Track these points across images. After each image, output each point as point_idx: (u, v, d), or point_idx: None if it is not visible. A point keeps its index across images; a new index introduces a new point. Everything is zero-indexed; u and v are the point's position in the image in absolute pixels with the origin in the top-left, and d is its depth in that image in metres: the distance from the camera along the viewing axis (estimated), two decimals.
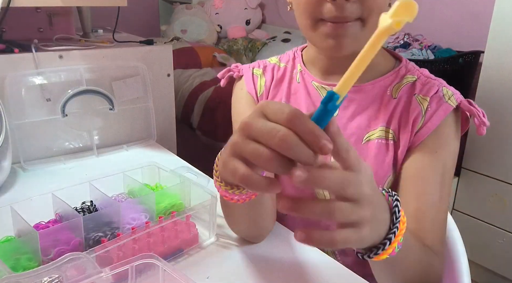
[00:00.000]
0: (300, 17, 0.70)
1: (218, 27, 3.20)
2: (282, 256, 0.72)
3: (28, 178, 0.96)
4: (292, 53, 0.84)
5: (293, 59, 0.83)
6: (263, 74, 0.83)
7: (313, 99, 0.76)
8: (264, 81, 0.83)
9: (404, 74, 0.75)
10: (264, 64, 0.85)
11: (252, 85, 0.83)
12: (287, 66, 0.83)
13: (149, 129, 1.18)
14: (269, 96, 0.81)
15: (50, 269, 0.52)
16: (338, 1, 0.63)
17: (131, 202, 0.73)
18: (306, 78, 0.78)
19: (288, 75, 0.81)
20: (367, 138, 0.72)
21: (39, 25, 1.15)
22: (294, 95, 0.79)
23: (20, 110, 0.99)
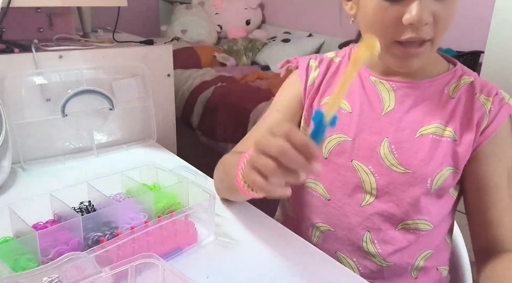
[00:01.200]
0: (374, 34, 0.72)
1: (218, 27, 3.20)
2: (282, 255, 0.72)
3: (28, 177, 0.96)
4: (349, 49, 0.86)
5: (349, 55, 0.85)
6: (317, 67, 0.85)
7: (368, 93, 0.79)
8: (316, 74, 0.84)
9: (461, 75, 0.78)
10: (321, 57, 0.87)
11: (304, 74, 0.85)
12: (342, 60, 0.85)
13: (149, 130, 1.19)
14: (320, 90, 0.83)
15: (50, 269, 0.52)
16: (416, 25, 0.65)
17: (129, 202, 0.73)
18: (362, 73, 0.80)
19: (343, 70, 0.83)
20: (421, 133, 0.75)
21: (39, 25, 1.15)
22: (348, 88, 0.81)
23: (20, 110, 0.99)
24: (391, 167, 0.75)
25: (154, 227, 0.67)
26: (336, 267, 0.70)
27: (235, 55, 2.92)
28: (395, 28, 0.68)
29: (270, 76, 2.56)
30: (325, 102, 0.80)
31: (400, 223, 0.77)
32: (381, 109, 0.77)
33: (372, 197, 0.77)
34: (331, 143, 0.79)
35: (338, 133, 0.79)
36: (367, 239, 0.78)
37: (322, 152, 0.79)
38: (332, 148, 0.79)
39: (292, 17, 3.05)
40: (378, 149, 0.76)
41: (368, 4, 0.70)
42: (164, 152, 1.13)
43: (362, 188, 0.77)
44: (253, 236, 0.76)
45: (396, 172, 0.75)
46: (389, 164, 0.75)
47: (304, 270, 0.69)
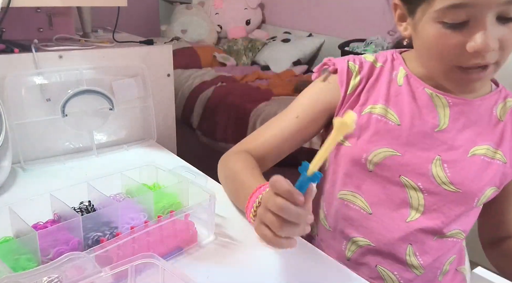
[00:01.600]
0: (430, 60, 0.71)
1: (218, 27, 3.20)
2: (282, 255, 0.72)
3: (28, 178, 0.96)
4: (390, 54, 0.82)
5: (392, 61, 0.81)
6: (358, 73, 0.81)
7: (421, 106, 0.76)
8: (357, 81, 0.80)
9: (505, 96, 0.79)
10: (360, 60, 0.82)
11: (345, 80, 0.80)
12: (384, 66, 0.81)
13: (149, 130, 1.18)
14: (361, 98, 0.79)
15: (50, 269, 0.52)
16: (482, 53, 0.64)
17: (129, 202, 0.73)
18: (414, 84, 0.77)
19: (386, 77, 0.79)
20: (473, 153, 0.75)
21: (39, 25, 1.15)
22: (395, 98, 0.77)
23: (20, 110, 0.99)
24: (442, 185, 0.74)
25: (154, 227, 0.67)
26: (336, 268, 0.70)
27: (235, 55, 2.92)
28: (458, 55, 0.66)
29: (270, 76, 2.56)
30: None
31: (438, 234, 0.77)
32: (434, 125, 0.75)
33: (418, 213, 0.76)
34: (377, 156, 0.75)
35: (385, 147, 0.76)
36: (410, 253, 0.77)
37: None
38: (379, 162, 0.76)
39: (292, 17, 3.05)
40: (429, 166, 0.74)
41: (428, 30, 0.67)
42: (164, 152, 1.13)
43: (408, 204, 0.76)
44: (253, 236, 0.76)
45: (446, 190, 0.74)
46: (440, 182, 0.74)
47: (304, 271, 0.69)
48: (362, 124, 0.78)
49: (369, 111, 0.78)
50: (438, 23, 0.65)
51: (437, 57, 0.69)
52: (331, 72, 0.83)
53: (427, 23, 0.67)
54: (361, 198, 0.78)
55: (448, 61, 0.68)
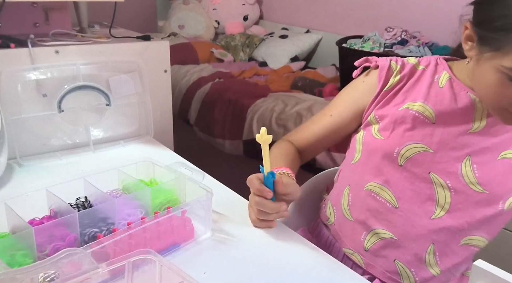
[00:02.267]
0: (483, 96, 0.72)
1: (216, 23, 3.19)
2: (278, 251, 0.72)
3: (24, 173, 0.96)
4: (434, 59, 0.84)
5: (435, 65, 0.83)
6: (399, 72, 0.83)
7: (460, 106, 0.77)
8: (397, 79, 0.82)
9: None
10: (403, 61, 0.85)
11: (384, 74, 0.83)
12: (426, 69, 0.83)
13: (146, 125, 1.18)
14: (398, 95, 0.82)
15: (46, 265, 0.52)
16: None
17: (126, 198, 0.73)
18: (456, 87, 0.78)
19: (428, 79, 0.81)
20: (503, 156, 0.76)
21: (35, 20, 1.14)
22: (435, 98, 0.79)
23: (16, 105, 0.99)
24: (469, 184, 0.76)
25: (151, 223, 0.67)
26: (332, 264, 0.71)
27: (232, 51, 2.91)
28: (509, 103, 0.68)
29: (267, 72, 2.55)
30: None
31: (464, 238, 0.78)
32: (468, 127, 0.77)
33: (443, 211, 0.77)
34: (410, 151, 0.78)
35: (418, 142, 0.77)
36: (430, 251, 0.78)
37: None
38: (410, 157, 0.78)
39: (290, 13, 3.05)
40: (459, 165, 0.76)
41: (490, 74, 0.68)
42: (161, 148, 1.13)
43: (435, 200, 0.77)
44: (249, 232, 0.77)
45: (473, 190, 0.76)
46: (468, 182, 0.76)
47: (300, 266, 0.69)
48: (397, 118, 0.80)
49: (407, 107, 0.80)
50: (503, 74, 0.66)
51: (491, 99, 0.71)
52: (373, 68, 0.86)
53: (491, 68, 0.68)
54: (389, 191, 0.80)
55: (497, 104, 0.70)
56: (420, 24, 2.11)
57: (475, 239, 0.79)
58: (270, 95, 2.06)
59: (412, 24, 2.17)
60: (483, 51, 0.69)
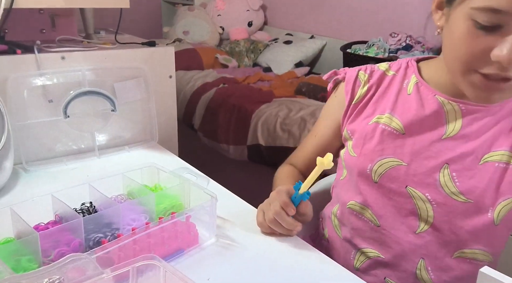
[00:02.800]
0: (453, 60, 0.67)
1: (220, 29, 3.21)
2: (283, 257, 0.72)
3: (29, 178, 0.96)
4: (405, 62, 0.80)
5: (405, 69, 0.79)
6: (367, 81, 0.80)
7: (429, 113, 0.72)
8: (365, 89, 0.79)
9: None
10: (372, 69, 0.81)
11: (350, 88, 0.81)
12: (396, 75, 0.79)
13: (151, 131, 1.19)
14: (368, 106, 0.79)
15: (51, 270, 0.52)
16: (505, 65, 0.60)
17: (130, 203, 0.73)
18: (424, 91, 0.74)
19: (397, 86, 0.78)
20: (485, 160, 0.69)
21: (41, 26, 1.15)
22: (402, 106, 0.76)
23: (22, 111, 0.99)
24: (451, 195, 0.70)
25: (155, 228, 0.67)
26: (336, 268, 0.70)
27: (237, 57, 2.92)
28: (481, 59, 0.62)
29: (272, 78, 2.56)
30: None
31: (456, 251, 0.73)
32: (441, 132, 0.72)
33: (427, 225, 0.72)
34: (382, 167, 0.74)
35: (390, 157, 0.74)
36: (421, 267, 0.74)
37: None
38: (384, 172, 0.74)
39: (294, 18, 3.06)
40: (437, 176, 0.71)
41: (459, 25, 0.63)
42: (165, 153, 1.13)
43: (417, 215, 0.73)
44: (254, 238, 0.76)
45: (456, 200, 0.70)
46: (449, 192, 0.70)
47: (306, 272, 0.69)
48: (367, 133, 0.77)
49: (376, 121, 0.77)
50: (471, 21, 0.61)
51: (460, 56, 0.64)
52: (342, 80, 0.84)
53: (460, 17, 0.63)
54: (369, 210, 0.77)
55: (470, 63, 0.64)
56: (424, 30, 2.11)
57: (471, 252, 0.72)
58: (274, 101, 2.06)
59: (417, 29, 2.17)
60: (452, 2, 0.65)
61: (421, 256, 0.74)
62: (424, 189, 0.72)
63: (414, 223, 0.73)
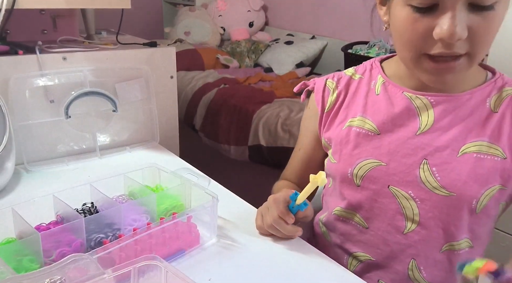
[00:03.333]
0: (401, 48, 0.68)
1: (221, 29, 3.21)
2: (284, 257, 0.72)
3: (31, 179, 0.96)
4: (369, 64, 0.81)
5: (370, 70, 0.79)
6: (336, 88, 0.80)
7: (399, 111, 0.73)
8: (335, 96, 0.80)
9: (502, 86, 0.71)
10: (339, 76, 0.82)
11: (320, 97, 0.82)
12: (363, 78, 0.79)
13: (152, 131, 1.19)
14: (340, 112, 0.79)
15: (53, 270, 0.52)
16: (448, 41, 0.60)
17: (132, 204, 0.73)
18: (391, 90, 0.75)
19: (365, 88, 0.78)
20: (463, 151, 0.69)
21: (43, 27, 1.15)
22: (372, 107, 0.76)
23: (24, 111, 0.99)
24: (434, 190, 0.69)
25: (156, 228, 0.67)
26: (338, 270, 0.70)
27: (238, 57, 2.92)
28: (425, 41, 0.63)
29: (273, 78, 2.56)
30: None
31: (445, 245, 0.73)
32: (415, 128, 0.71)
33: (414, 224, 0.72)
34: (362, 169, 0.74)
35: (368, 158, 0.73)
36: (413, 267, 0.74)
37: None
38: (365, 175, 0.74)
39: (295, 19, 3.06)
40: (417, 172, 0.70)
41: (399, 13, 0.64)
42: (166, 154, 1.13)
43: (403, 214, 0.72)
44: (255, 238, 0.76)
45: (439, 195, 0.69)
46: (431, 187, 0.69)
47: (306, 273, 0.69)
48: (342, 139, 0.77)
49: (349, 125, 0.77)
50: (408, 6, 0.62)
51: (406, 43, 0.65)
52: (311, 90, 0.85)
53: (398, 6, 0.64)
54: (357, 214, 0.77)
55: (416, 48, 0.64)
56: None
57: (458, 244, 0.72)
58: (276, 101, 2.06)
59: None
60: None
61: (411, 257, 0.74)
62: (407, 187, 0.71)
63: (401, 223, 0.73)
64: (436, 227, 0.71)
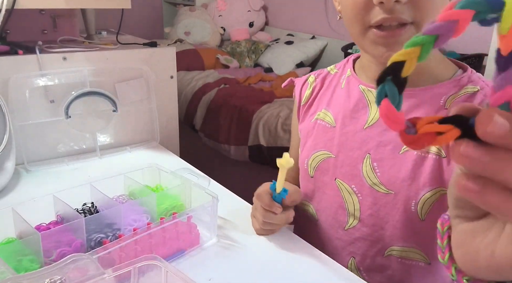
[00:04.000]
0: (349, 25, 0.66)
1: (222, 29, 3.21)
2: (284, 257, 0.72)
3: (31, 179, 0.96)
4: (347, 59, 0.81)
5: (345, 65, 0.80)
6: (313, 83, 0.82)
7: (353, 104, 0.72)
8: (311, 90, 0.81)
9: (464, 84, 0.66)
10: (320, 71, 0.83)
11: (299, 90, 0.83)
12: (337, 72, 0.80)
13: (152, 131, 1.19)
14: (312, 108, 0.80)
15: (53, 270, 0.52)
16: (386, 4, 0.57)
17: (132, 204, 0.73)
18: (352, 83, 0.74)
19: (335, 83, 0.79)
20: (406, 149, 0.66)
21: (43, 27, 1.15)
22: (335, 101, 0.76)
23: (24, 111, 0.99)
24: (374, 186, 0.68)
25: (156, 228, 0.67)
26: (338, 270, 0.70)
27: (238, 57, 2.93)
28: (367, 11, 0.60)
29: (273, 78, 2.56)
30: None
31: (387, 249, 0.70)
32: (363, 122, 0.70)
33: (355, 220, 0.71)
34: (315, 160, 0.75)
35: (322, 149, 0.74)
36: (351, 266, 0.73)
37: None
38: (317, 165, 0.75)
39: (295, 19, 3.06)
40: (360, 166, 0.69)
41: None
42: (167, 154, 1.13)
43: (345, 209, 0.72)
44: (255, 238, 0.76)
45: (379, 192, 0.67)
46: (371, 183, 0.68)
47: (307, 273, 0.69)
48: (308, 131, 0.78)
49: (316, 118, 0.78)
50: None
51: (351, 18, 0.63)
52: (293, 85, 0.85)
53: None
54: (311, 205, 0.78)
55: (361, 20, 0.62)
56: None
57: (402, 250, 0.69)
58: (276, 101, 2.06)
59: None
60: None
61: (351, 254, 0.72)
62: (350, 181, 0.70)
63: (343, 218, 0.72)
64: (376, 227, 0.69)
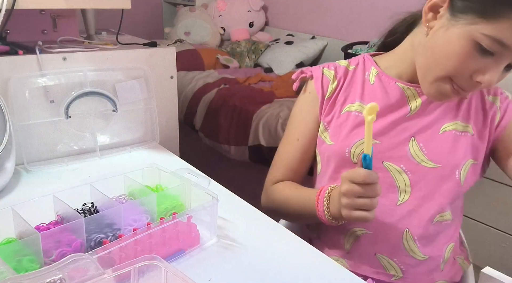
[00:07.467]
0: (434, 65, 0.73)
1: (222, 30, 3.21)
2: (284, 257, 0.72)
3: (31, 179, 0.96)
4: (361, 58, 0.90)
5: (363, 63, 0.88)
6: (335, 77, 0.88)
7: (393, 97, 0.83)
8: (335, 85, 0.87)
9: None
10: (335, 66, 0.89)
11: (320, 85, 0.88)
12: (356, 68, 0.88)
13: (152, 131, 1.19)
14: (338, 99, 0.86)
15: (53, 271, 0.52)
16: (482, 88, 0.71)
17: (132, 204, 0.73)
18: (385, 80, 0.85)
19: (360, 77, 0.87)
20: (444, 129, 0.82)
21: (43, 27, 1.15)
22: (368, 96, 0.85)
23: (24, 112, 0.99)
24: (422, 163, 0.80)
25: (156, 228, 0.67)
26: (338, 268, 0.70)
27: (238, 58, 2.92)
28: (463, 75, 0.70)
29: (273, 78, 2.56)
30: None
31: (436, 216, 0.81)
32: (407, 112, 0.83)
33: (407, 195, 0.81)
34: (359, 147, 0.81)
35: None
36: (407, 237, 0.81)
37: None
38: (361, 152, 0.77)
39: (295, 19, 3.06)
40: (406, 148, 0.81)
41: (458, 40, 0.69)
42: (167, 154, 1.13)
43: (396, 187, 0.81)
44: (255, 238, 0.76)
45: (426, 167, 0.80)
46: (420, 160, 0.80)
47: (307, 273, 0.69)
48: (342, 122, 0.85)
49: (348, 110, 0.85)
50: (474, 42, 0.67)
51: (448, 68, 0.71)
52: (308, 78, 0.90)
53: (463, 35, 0.68)
54: None
55: (450, 72, 0.71)
56: None
57: (445, 215, 0.83)
58: (276, 101, 2.06)
59: None
60: (459, 18, 0.69)
61: (405, 227, 0.81)
62: (399, 162, 0.81)
63: (395, 195, 0.81)
64: (426, 197, 0.80)
